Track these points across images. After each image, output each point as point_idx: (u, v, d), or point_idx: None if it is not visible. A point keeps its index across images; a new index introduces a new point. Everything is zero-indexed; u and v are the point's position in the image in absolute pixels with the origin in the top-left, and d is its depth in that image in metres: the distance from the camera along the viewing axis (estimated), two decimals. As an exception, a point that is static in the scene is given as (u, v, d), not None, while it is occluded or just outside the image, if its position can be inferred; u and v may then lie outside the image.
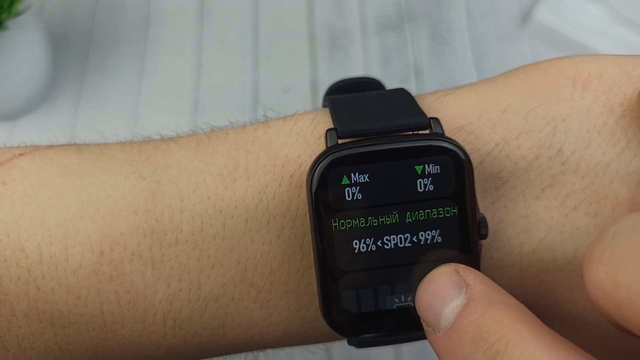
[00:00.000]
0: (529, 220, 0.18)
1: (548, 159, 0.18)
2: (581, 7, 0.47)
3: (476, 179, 0.18)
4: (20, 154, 0.19)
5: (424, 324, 0.15)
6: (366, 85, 0.23)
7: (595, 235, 0.14)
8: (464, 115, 0.19)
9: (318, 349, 0.38)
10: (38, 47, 0.44)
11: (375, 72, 0.48)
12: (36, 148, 0.19)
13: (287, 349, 0.21)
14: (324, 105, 0.21)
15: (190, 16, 0.50)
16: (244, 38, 0.49)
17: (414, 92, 0.47)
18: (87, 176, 0.18)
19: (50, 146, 0.20)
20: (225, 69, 0.48)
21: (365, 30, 0.49)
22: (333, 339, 0.20)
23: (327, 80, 0.47)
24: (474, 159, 0.18)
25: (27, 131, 0.45)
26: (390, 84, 0.47)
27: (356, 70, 0.48)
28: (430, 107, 0.19)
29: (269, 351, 0.21)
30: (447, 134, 0.18)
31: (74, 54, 0.48)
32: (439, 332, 0.14)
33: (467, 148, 0.18)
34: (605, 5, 0.47)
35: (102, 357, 0.19)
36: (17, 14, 0.40)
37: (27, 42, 0.43)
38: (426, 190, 0.17)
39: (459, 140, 0.18)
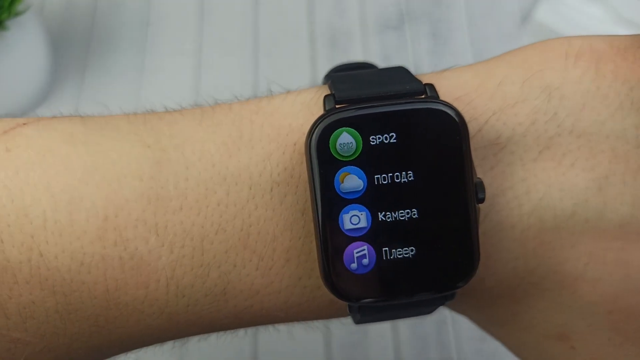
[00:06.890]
0: (527, 182, 0.19)
1: (544, 122, 0.18)
2: (581, 7, 0.47)
3: (475, 146, 0.19)
4: (24, 123, 0.19)
5: None
6: (365, 68, 0.23)
7: None
8: (461, 87, 0.19)
9: (317, 345, 0.38)
10: (38, 47, 0.44)
11: (375, 72, 0.48)
12: (40, 118, 0.19)
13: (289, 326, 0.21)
14: (323, 83, 0.22)
15: (190, 16, 0.50)
16: (244, 38, 0.49)
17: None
18: (93, 144, 0.18)
19: (54, 117, 0.20)
20: (225, 69, 0.48)
21: (365, 30, 0.49)
22: (332, 314, 0.20)
23: (327, 80, 0.47)
24: (472, 128, 0.18)
25: (27, 131, 0.45)
26: (390, 84, 0.47)
27: (356, 70, 0.48)
28: (429, 81, 0.20)
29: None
30: None
31: (74, 54, 0.48)
32: None
33: (465, 117, 0.19)
34: (605, 5, 0.47)
35: (102, 326, 0.18)
36: (17, 14, 0.40)
37: (27, 42, 0.43)
38: None
39: None
